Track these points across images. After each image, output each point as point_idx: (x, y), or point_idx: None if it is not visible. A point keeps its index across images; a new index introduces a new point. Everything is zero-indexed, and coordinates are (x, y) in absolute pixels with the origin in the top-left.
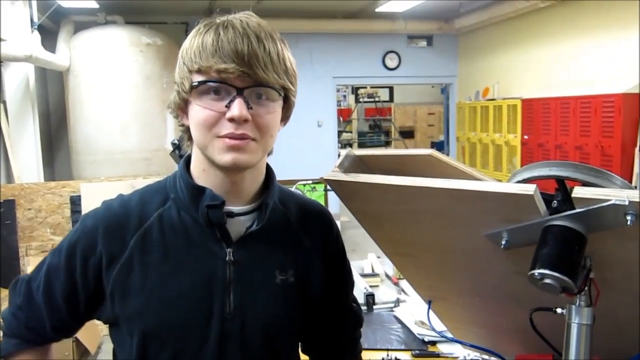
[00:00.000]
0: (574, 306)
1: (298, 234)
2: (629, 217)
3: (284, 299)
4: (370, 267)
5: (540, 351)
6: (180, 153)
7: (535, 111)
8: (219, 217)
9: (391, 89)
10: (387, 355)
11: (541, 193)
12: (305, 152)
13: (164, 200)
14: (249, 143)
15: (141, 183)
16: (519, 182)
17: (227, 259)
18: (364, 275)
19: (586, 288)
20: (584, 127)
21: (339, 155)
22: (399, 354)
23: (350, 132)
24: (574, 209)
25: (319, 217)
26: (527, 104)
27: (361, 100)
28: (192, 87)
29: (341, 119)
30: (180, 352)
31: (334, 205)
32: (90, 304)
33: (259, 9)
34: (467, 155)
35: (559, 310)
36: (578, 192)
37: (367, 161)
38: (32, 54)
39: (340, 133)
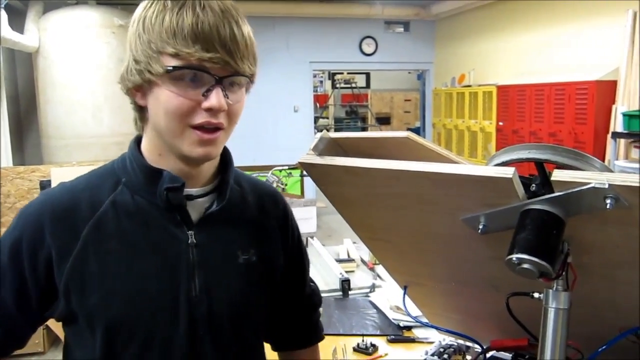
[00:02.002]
0: (551, 291)
1: (256, 214)
2: (608, 201)
3: (249, 278)
4: (345, 252)
5: (516, 336)
6: None
7: (511, 98)
8: (180, 200)
9: (368, 75)
10: (363, 340)
11: (520, 177)
12: (281, 137)
13: (115, 184)
14: (220, 135)
15: None
16: (497, 165)
17: (189, 241)
18: (339, 261)
19: (564, 273)
20: (558, 114)
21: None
22: (374, 339)
23: (327, 118)
24: (553, 192)
25: (273, 197)
26: (503, 90)
27: (338, 86)
28: (166, 71)
29: (318, 104)
30: (149, 342)
31: (310, 190)
32: (43, 303)
33: None
34: (443, 141)
35: (536, 294)
36: (557, 175)
37: (343, 144)
38: None
39: (316, 119)
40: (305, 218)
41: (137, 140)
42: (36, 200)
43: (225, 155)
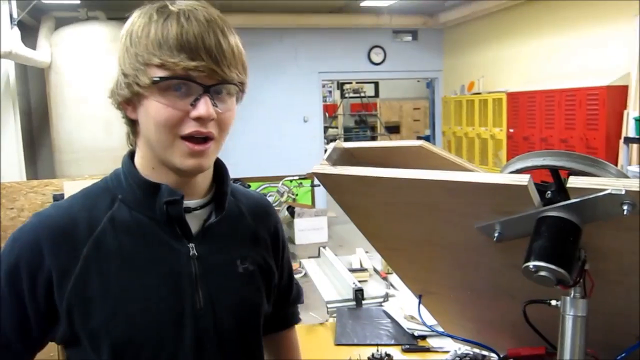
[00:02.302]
0: (568, 298)
1: (251, 224)
2: (625, 207)
3: (249, 286)
4: (358, 262)
5: (532, 344)
6: None
7: (521, 105)
8: (179, 213)
9: (377, 84)
10: (377, 350)
11: (535, 184)
12: (291, 148)
13: (112, 201)
14: (211, 146)
15: None
16: (511, 172)
17: (190, 254)
18: (352, 270)
19: (581, 280)
20: (569, 120)
21: (325, 151)
22: (388, 349)
23: (336, 127)
24: (569, 199)
25: (264, 207)
26: (513, 97)
27: (347, 95)
28: (153, 82)
29: (327, 114)
30: (156, 358)
31: (321, 201)
32: (44, 327)
33: (244, 4)
34: (453, 149)
35: (553, 302)
36: (573, 181)
37: (356, 154)
38: (11, 51)
39: (326, 129)
40: (316, 228)
41: (131, 156)
42: (30, 222)
43: (220, 167)
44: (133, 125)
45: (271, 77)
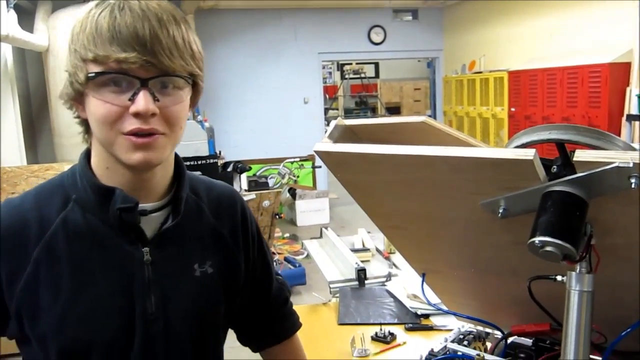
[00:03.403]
0: (574, 273)
1: (213, 222)
2: (633, 180)
3: (205, 290)
4: (360, 242)
5: (536, 321)
6: None
7: (522, 83)
8: (133, 219)
9: (377, 65)
10: (381, 329)
11: (540, 158)
12: (292, 129)
13: (65, 201)
14: (158, 139)
15: None
16: (517, 147)
17: (144, 259)
18: (354, 251)
19: (587, 255)
20: (571, 98)
21: (326, 132)
22: (392, 328)
23: (337, 109)
24: (575, 173)
25: (230, 200)
26: (514, 76)
27: (347, 77)
28: (88, 79)
29: (327, 96)
30: None
31: (323, 182)
32: None
33: None
34: (454, 128)
35: (559, 277)
36: (580, 155)
37: (358, 131)
38: (8, 34)
39: (326, 110)
40: (318, 209)
41: (87, 153)
42: None
43: (179, 167)
44: (86, 124)
45: (271, 59)
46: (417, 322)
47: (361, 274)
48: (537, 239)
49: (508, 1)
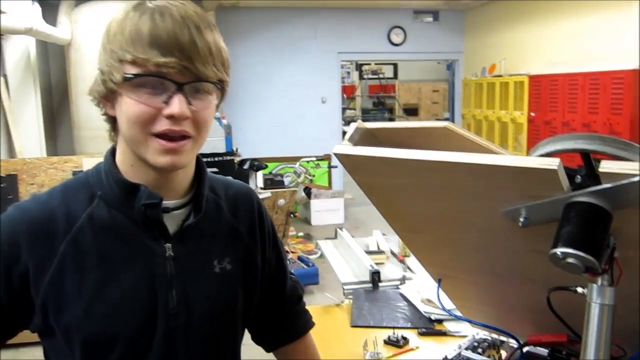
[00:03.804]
0: (595, 285)
1: (231, 220)
2: None
3: (224, 286)
4: (375, 244)
5: (553, 331)
6: None
7: (543, 88)
8: (157, 215)
9: (395, 65)
10: (393, 333)
11: (564, 167)
12: (309, 128)
13: (90, 197)
14: (187, 143)
15: None
16: (541, 155)
17: (167, 254)
18: (369, 253)
19: (610, 268)
20: (592, 104)
21: (342, 132)
22: (405, 332)
23: (354, 109)
24: (599, 184)
25: (247, 198)
26: (535, 80)
27: (365, 77)
28: (125, 79)
29: (345, 95)
30: (126, 356)
31: (338, 182)
32: (17, 319)
33: None
34: (473, 132)
35: (579, 289)
36: (605, 166)
37: (378, 134)
38: (32, 27)
39: (344, 110)
40: (332, 209)
41: (113, 152)
42: (9, 214)
43: (200, 166)
44: (113, 122)
45: (290, 57)
46: (430, 327)
47: (375, 277)
48: (559, 250)
49: (530, 4)
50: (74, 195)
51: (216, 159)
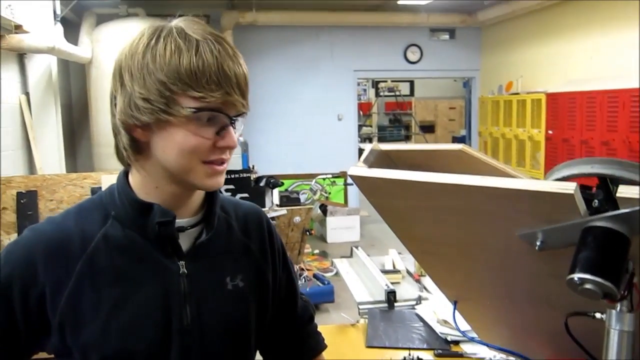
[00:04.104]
0: (614, 311)
1: (243, 238)
2: None
3: (237, 303)
4: (391, 263)
5: (571, 356)
6: None
7: (560, 106)
8: (171, 232)
9: (412, 82)
10: (409, 354)
11: (581, 192)
12: (325, 145)
13: (105, 218)
14: (226, 167)
15: None
16: (557, 179)
17: (180, 272)
18: (384, 272)
19: (628, 294)
20: (611, 122)
21: (359, 150)
22: (421, 353)
23: (370, 126)
24: (617, 208)
25: (257, 217)
26: (552, 98)
27: (381, 94)
28: (185, 114)
29: (361, 113)
30: None
31: (354, 199)
32: (34, 340)
33: (281, 1)
34: (490, 150)
35: (598, 315)
36: (623, 191)
37: (393, 156)
38: (54, 46)
39: (360, 127)
40: (348, 227)
41: (126, 174)
42: (24, 237)
43: None
44: (137, 145)
45: (307, 75)
46: (447, 349)
47: (391, 296)
48: (576, 276)
49: (547, 22)
50: (88, 216)
51: (233, 176)
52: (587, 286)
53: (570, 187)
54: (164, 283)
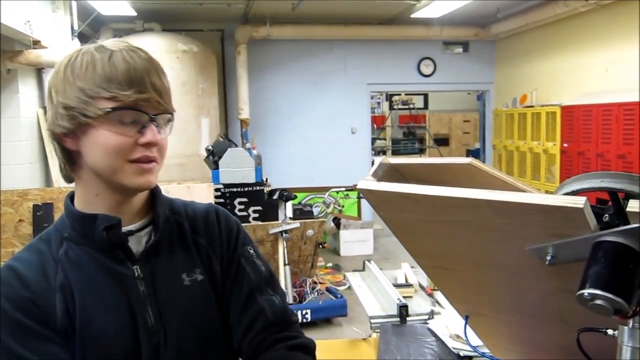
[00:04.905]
0: (626, 328)
1: (193, 236)
2: None
3: (197, 297)
4: (403, 277)
5: None
6: (214, 159)
7: (576, 118)
8: (119, 237)
9: (426, 96)
10: None
11: (591, 206)
12: (339, 159)
13: (60, 241)
14: (155, 166)
15: (176, 188)
16: (567, 193)
17: (136, 275)
18: (397, 286)
19: None
20: (627, 135)
21: (372, 163)
22: None
23: (384, 139)
24: (628, 223)
25: (204, 211)
26: (567, 111)
27: (395, 107)
28: (102, 114)
29: (375, 126)
30: None
31: (367, 212)
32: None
33: (294, 15)
34: (504, 163)
35: (609, 331)
36: (633, 206)
37: (402, 170)
38: None
39: (373, 140)
40: (361, 240)
41: (71, 197)
42: (8, 266)
43: (154, 190)
44: (70, 156)
45: (320, 88)
46: None
47: (403, 310)
48: (586, 291)
49: (562, 35)
50: (49, 242)
51: (246, 189)
52: (598, 302)
53: (579, 202)
54: (124, 288)
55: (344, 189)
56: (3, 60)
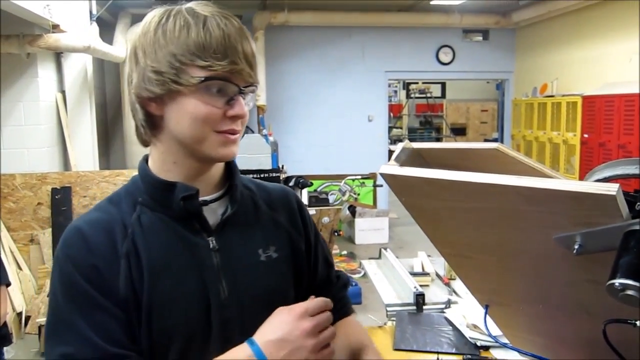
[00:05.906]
0: None
1: (269, 212)
2: None
3: (272, 274)
4: (420, 265)
5: None
6: None
7: (597, 109)
8: (196, 207)
9: (443, 84)
10: (437, 358)
11: (624, 193)
12: (355, 147)
13: (134, 204)
14: (238, 137)
15: None
16: (598, 180)
17: (211, 247)
18: (413, 274)
19: None
20: None
21: (389, 151)
22: (449, 358)
23: (401, 128)
24: None
25: (283, 193)
26: (588, 101)
27: (412, 95)
28: (195, 82)
29: (391, 114)
30: (187, 348)
31: (383, 201)
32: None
33: (313, 1)
34: (523, 153)
35: (638, 322)
36: None
37: (426, 155)
38: (90, 45)
39: (390, 129)
40: (377, 228)
41: (146, 161)
42: (68, 239)
43: (230, 162)
44: (152, 120)
45: (337, 75)
46: (476, 354)
47: (419, 299)
48: (617, 281)
49: (584, 23)
50: (121, 205)
51: (262, 175)
52: (629, 292)
53: (612, 189)
54: (197, 259)
55: (359, 176)
56: (23, 44)
